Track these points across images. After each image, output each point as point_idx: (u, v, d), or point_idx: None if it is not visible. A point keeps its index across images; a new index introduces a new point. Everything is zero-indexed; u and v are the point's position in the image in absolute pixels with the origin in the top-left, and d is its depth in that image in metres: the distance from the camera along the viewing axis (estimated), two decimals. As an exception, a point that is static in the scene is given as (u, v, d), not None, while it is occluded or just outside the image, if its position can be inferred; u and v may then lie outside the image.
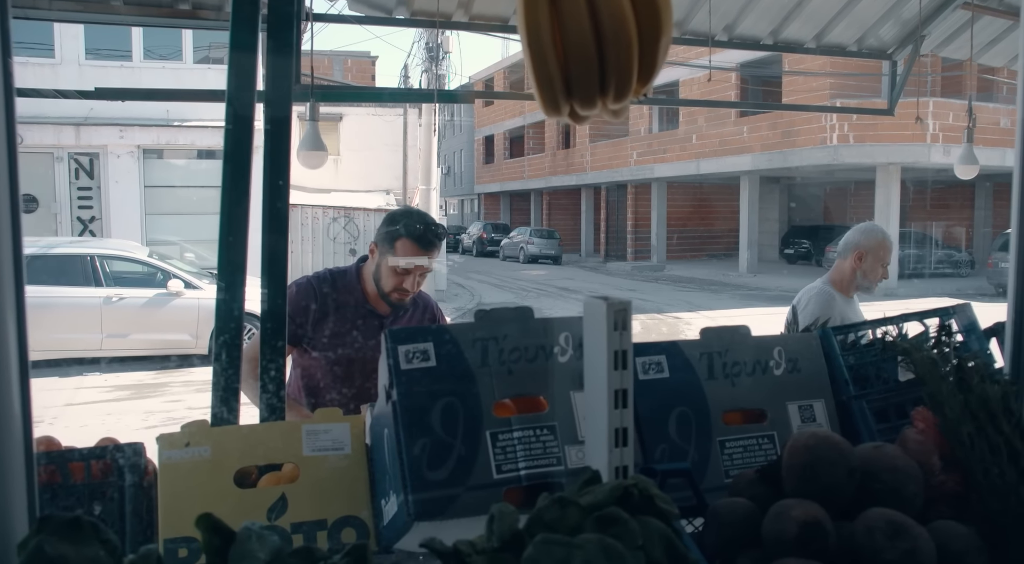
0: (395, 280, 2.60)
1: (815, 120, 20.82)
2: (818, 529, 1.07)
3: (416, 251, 2.57)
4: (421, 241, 2.57)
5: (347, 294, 2.67)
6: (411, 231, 2.58)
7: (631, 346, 1.14)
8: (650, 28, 1.04)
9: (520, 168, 38.82)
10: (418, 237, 2.57)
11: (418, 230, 2.58)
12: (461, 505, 1.24)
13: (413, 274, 2.59)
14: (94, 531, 0.90)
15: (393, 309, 2.70)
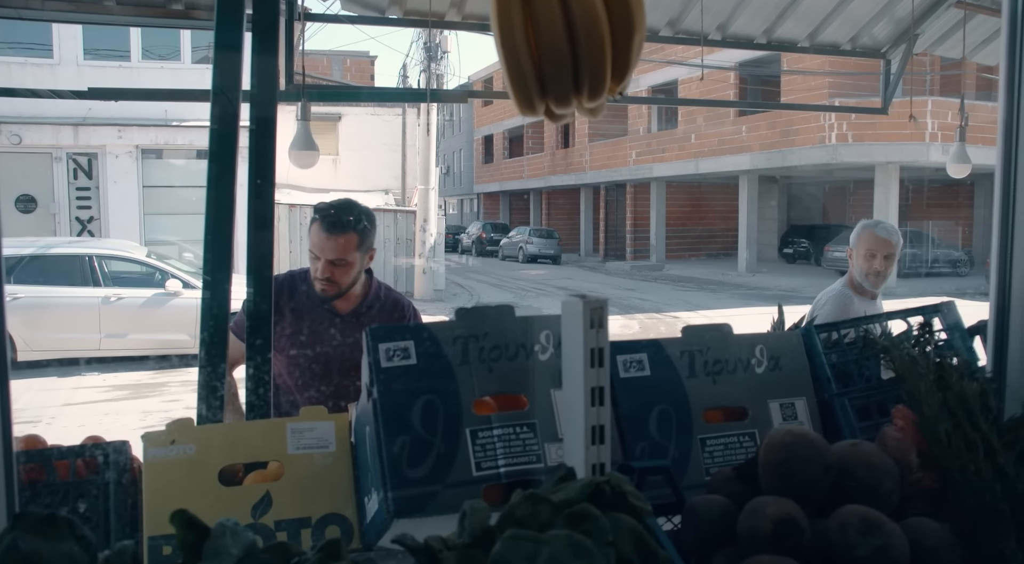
0: (313, 266, 2.55)
1: (814, 119, 20.83)
2: (792, 526, 1.08)
3: (321, 235, 2.51)
4: (325, 223, 2.50)
5: (306, 295, 2.63)
6: (319, 212, 2.53)
7: (607, 344, 1.15)
8: (622, 27, 1.05)
9: (519, 168, 38.83)
10: (323, 219, 2.51)
11: (327, 213, 2.52)
12: (440, 502, 1.24)
13: (322, 260, 2.51)
14: (69, 528, 0.90)
15: (355, 308, 2.64)
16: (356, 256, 2.56)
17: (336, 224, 2.50)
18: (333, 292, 2.57)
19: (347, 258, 2.53)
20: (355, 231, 2.54)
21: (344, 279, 2.57)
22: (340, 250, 2.51)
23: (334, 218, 2.51)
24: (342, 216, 2.52)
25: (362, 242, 2.57)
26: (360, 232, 2.56)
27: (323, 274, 2.52)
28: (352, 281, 2.59)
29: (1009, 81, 1.55)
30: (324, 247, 2.50)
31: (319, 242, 2.51)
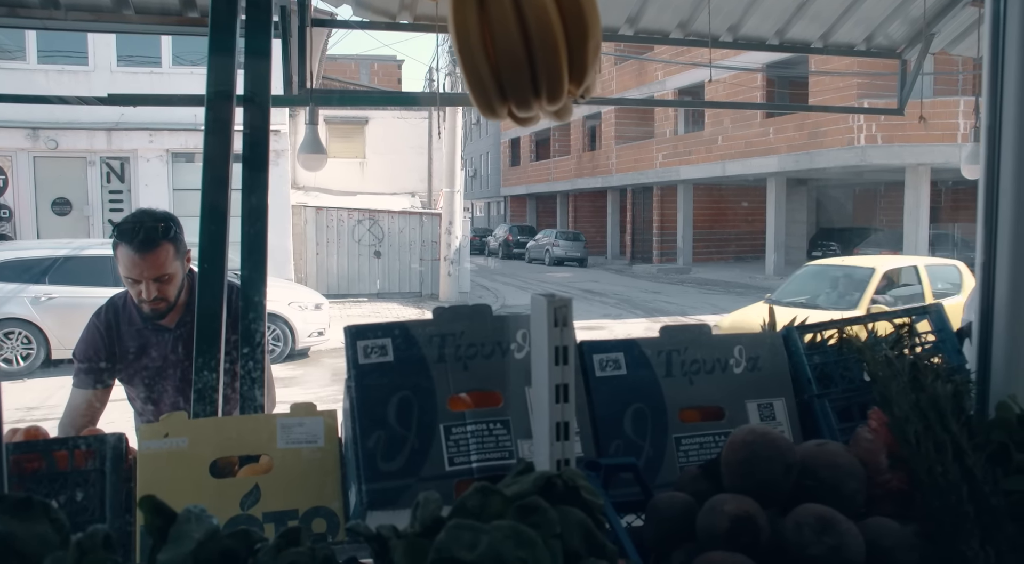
0: (133, 291, 2.40)
1: (842, 121, 20.61)
2: (749, 523, 1.10)
3: (134, 256, 2.34)
4: (135, 243, 2.33)
5: (129, 319, 2.51)
6: (123, 235, 2.35)
7: (573, 342, 1.17)
8: (576, 32, 1.08)
9: (546, 170, 38.85)
10: (131, 239, 2.34)
11: (133, 232, 2.34)
12: (413, 495, 1.27)
13: (145, 282, 2.35)
14: (44, 510, 0.95)
15: (180, 317, 2.48)
16: (177, 266, 2.42)
17: (147, 241, 2.34)
18: (164, 308, 2.43)
19: (169, 271, 2.39)
20: (168, 241, 2.39)
21: (172, 292, 2.42)
22: (160, 266, 2.36)
23: (143, 235, 2.34)
24: (150, 230, 2.36)
25: (178, 249, 2.43)
26: (173, 240, 2.41)
27: (149, 295, 2.37)
28: (179, 290, 2.45)
29: (992, 81, 1.56)
30: (142, 267, 2.35)
31: (134, 264, 2.35)
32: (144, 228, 2.34)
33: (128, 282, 2.39)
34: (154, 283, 2.37)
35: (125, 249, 2.34)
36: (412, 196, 23.14)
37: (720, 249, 30.96)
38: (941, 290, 11.17)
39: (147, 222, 2.37)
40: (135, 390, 2.57)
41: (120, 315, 2.51)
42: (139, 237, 2.33)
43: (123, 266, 2.37)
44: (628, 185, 32.30)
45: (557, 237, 32.88)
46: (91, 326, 2.53)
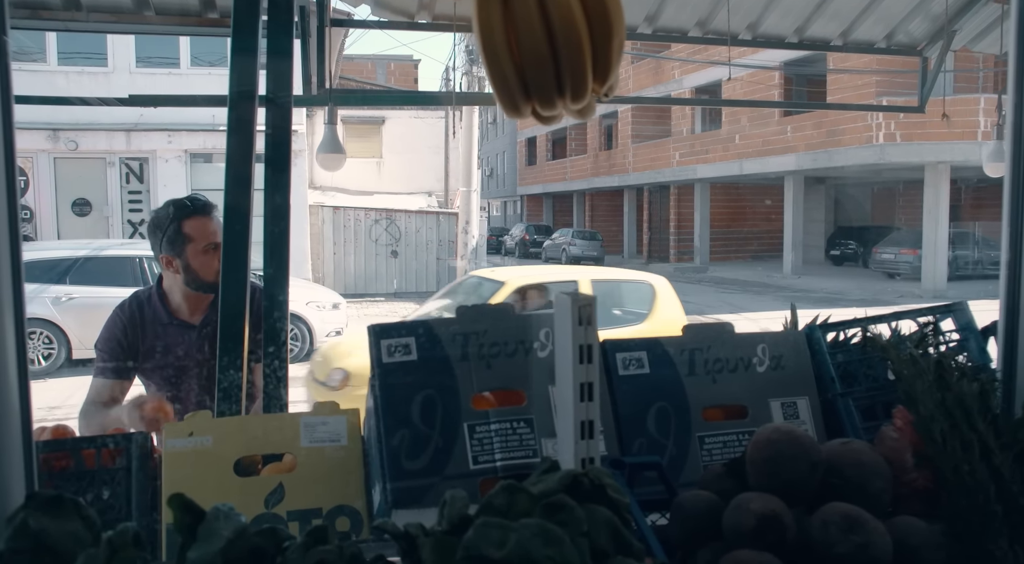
0: (211, 260, 2.41)
1: (860, 119, 20.46)
2: (775, 522, 1.09)
3: (205, 221, 2.43)
4: (200, 210, 2.44)
5: (153, 316, 2.53)
6: (187, 210, 2.43)
7: (596, 340, 1.18)
8: (601, 30, 1.08)
9: (562, 169, 38.81)
10: (195, 208, 2.44)
11: (188, 204, 2.44)
12: (437, 494, 1.28)
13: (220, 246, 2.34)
14: (75, 508, 0.96)
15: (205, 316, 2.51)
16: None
17: (208, 205, 2.44)
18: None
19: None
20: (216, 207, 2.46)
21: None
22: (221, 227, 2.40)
23: (202, 201, 2.45)
24: (204, 199, 2.48)
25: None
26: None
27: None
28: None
29: (1018, 77, 1.54)
30: (215, 230, 2.38)
31: (208, 228, 2.41)
32: (198, 197, 2.44)
33: (208, 253, 2.40)
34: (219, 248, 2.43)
35: (197, 219, 2.41)
36: (429, 196, 23.19)
37: (737, 248, 30.81)
38: (615, 317, 7.91)
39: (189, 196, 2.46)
40: (156, 387, 2.57)
41: (144, 310, 2.53)
42: (202, 202, 2.42)
43: (200, 238, 2.41)
44: (645, 184, 32.22)
45: (574, 236, 32.86)
46: (114, 318, 2.54)
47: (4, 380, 1.05)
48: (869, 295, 19.48)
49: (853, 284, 21.55)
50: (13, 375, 1.06)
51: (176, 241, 2.43)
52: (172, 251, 2.44)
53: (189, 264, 2.44)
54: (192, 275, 2.45)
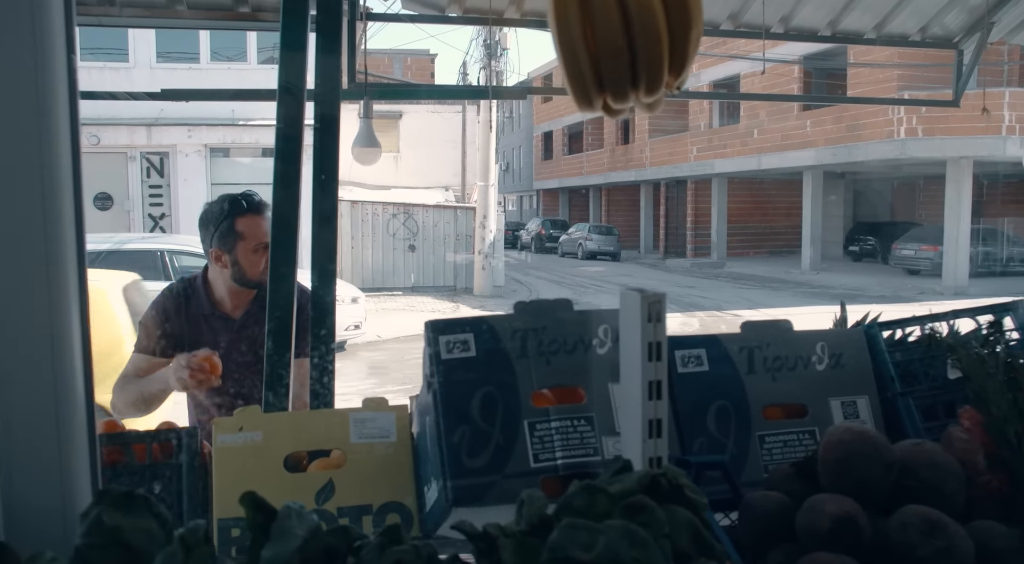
0: (260, 259, 2.42)
1: (881, 113, 20.27)
2: (851, 524, 1.07)
3: (258, 220, 2.43)
4: (255, 208, 2.44)
5: (197, 305, 2.55)
6: (241, 207, 2.44)
7: (665, 338, 1.15)
8: (680, 21, 1.05)
9: (579, 164, 38.73)
10: (250, 206, 2.44)
11: (244, 202, 2.44)
12: (498, 492, 1.27)
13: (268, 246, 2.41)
14: (147, 505, 0.95)
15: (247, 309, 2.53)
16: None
17: (263, 204, 2.43)
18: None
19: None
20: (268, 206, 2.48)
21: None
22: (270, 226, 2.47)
23: (258, 199, 2.45)
24: (259, 197, 2.46)
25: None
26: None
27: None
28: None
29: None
30: (267, 230, 2.35)
31: (260, 228, 2.42)
32: (253, 194, 2.44)
33: (255, 254, 2.42)
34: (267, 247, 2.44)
35: (250, 217, 2.42)
36: (446, 190, 23.19)
37: (755, 243, 30.65)
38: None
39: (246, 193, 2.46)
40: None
41: (191, 297, 2.55)
42: (257, 200, 2.42)
43: (252, 236, 2.41)
44: (662, 179, 32.09)
45: (590, 231, 32.78)
46: (162, 296, 2.58)
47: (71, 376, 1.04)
48: (889, 291, 19.33)
49: (873, 280, 21.38)
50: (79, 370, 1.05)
51: (228, 237, 2.45)
52: (223, 247, 2.46)
53: (238, 261, 2.46)
54: (239, 271, 2.47)
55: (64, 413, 1.03)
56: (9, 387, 0.99)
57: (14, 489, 1.00)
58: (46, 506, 1.03)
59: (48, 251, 1.01)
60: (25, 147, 0.97)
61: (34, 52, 0.96)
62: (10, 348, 0.99)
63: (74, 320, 1.05)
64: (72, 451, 1.04)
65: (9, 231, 0.98)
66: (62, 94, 0.99)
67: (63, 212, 1.01)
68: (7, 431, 1.00)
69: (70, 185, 1.03)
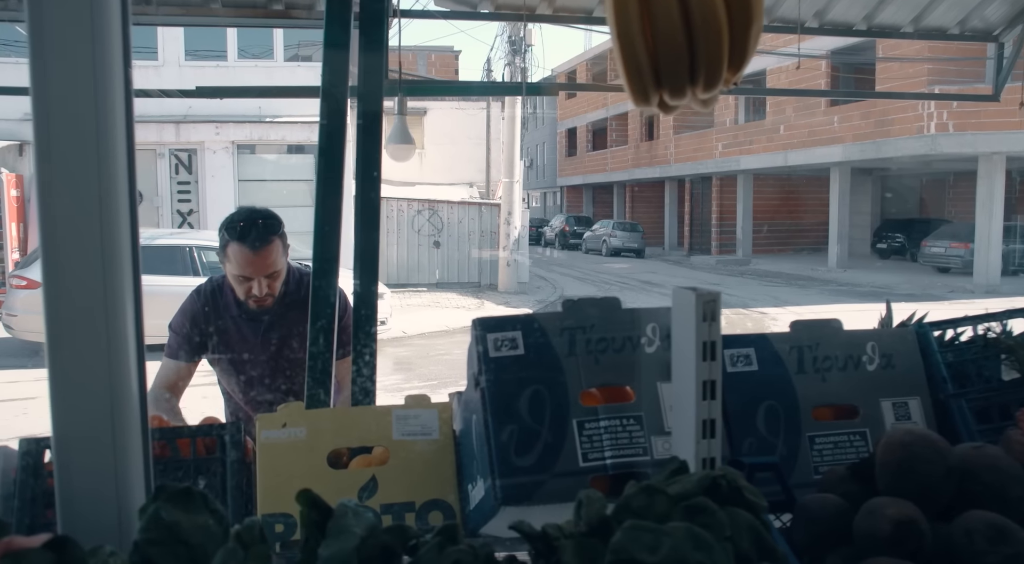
0: (242, 288, 2.43)
1: (911, 108, 19.98)
2: (913, 529, 1.05)
3: (247, 254, 2.36)
4: (248, 241, 2.36)
5: (226, 305, 2.56)
6: (234, 234, 2.37)
7: (720, 337, 1.14)
8: (741, 15, 1.03)
9: (603, 160, 38.58)
10: (244, 238, 2.36)
11: (241, 230, 2.37)
12: (547, 491, 1.26)
13: (257, 279, 2.39)
14: (203, 501, 0.95)
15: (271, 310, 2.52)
16: (283, 262, 2.47)
17: (261, 238, 2.37)
18: (270, 303, 2.47)
19: (278, 268, 2.43)
20: (277, 237, 2.43)
21: (278, 287, 2.47)
22: (272, 262, 2.40)
23: (255, 233, 2.37)
24: (262, 228, 2.39)
25: (284, 245, 2.47)
26: (281, 237, 2.46)
27: (261, 292, 2.41)
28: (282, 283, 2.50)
29: None
30: (256, 265, 2.38)
31: (249, 262, 2.37)
32: (256, 226, 2.37)
33: (239, 280, 2.42)
34: (265, 280, 2.41)
35: (239, 247, 2.37)
36: (470, 186, 23.22)
37: (781, 241, 30.38)
38: None
39: (258, 220, 2.39)
40: (224, 374, 2.62)
41: (219, 298, 2.56)
42: (252, 235, 2.36)
43: (236, 265, 2.39)
44: (687, 175, 31.89)
45: (614, 228, 32.67)
46: (191, 300, 2.59)
47: (125, 373, 1.05)
48: (918, 289, 19.08)
49: (901, 278, 21.11)
50: (133, 368, 1.06)
51: (222, 255, 2.46)
52: (221, 260, 2.48)
53: (229, 276, 2.48)
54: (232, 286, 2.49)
55: (119, 411, 1.03)
56: (67, 386, 1.00)
57: (72, 484, 1.00)
58: (101, 501, 1.04)
59: (104, 250, 1.01)
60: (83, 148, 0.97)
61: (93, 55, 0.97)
62: (67, 346, 1.00)
63: (128, 318, 1.05)
64: (126, 447, 1.05)
65: (68, 233, 0.98)
66: (119, 95, 0.99)
67: (119, 212, 1.02)
68: (64, 429, 1.00)
69: (126, 186, 1.03)
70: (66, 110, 0.95)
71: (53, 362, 1.00)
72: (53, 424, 1.01)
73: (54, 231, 0.98)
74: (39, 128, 0.95)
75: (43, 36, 0.94)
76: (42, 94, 0.95)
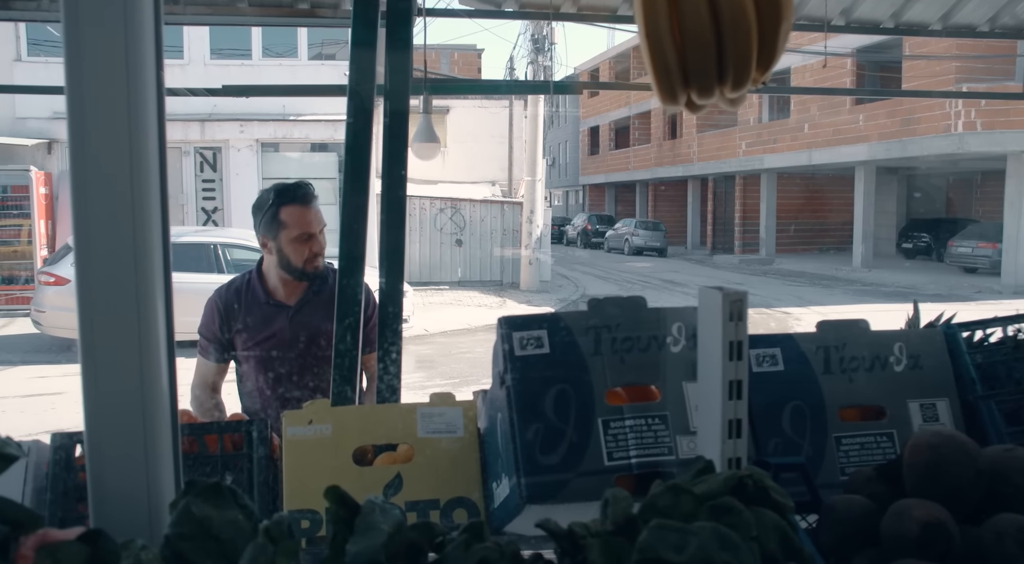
0: (303, 250, 2.50)
1: (938, 106, 19.73)
2: (941, 531, 1.04)
3: (303, 210, 2.48)
4: (299, 197, 2.48)
5: (250, 296, 2.60)
6: (286, 196, 2.48)
7: (747, 337, 1.13)
8: (770, 14, 1.03)
9: (625, 159, 38.46)
10: (294, 196, 2.48)
11: (290, 192, 2.49)
12: (572, 490, 1.26)
13: (315, 235, 2.50)
14: (233, 496, 0.96)
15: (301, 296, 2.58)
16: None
17: (308, 195, 2.50)
18: (320, 265, 2.55)
19: (323, 226, 2.55)
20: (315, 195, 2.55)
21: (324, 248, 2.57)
22: (320, 218, 2.52)
23: (302, 191, 2.50)
24: (303, 186, 2.52)
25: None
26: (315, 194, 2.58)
27: (321, 247, 2.52)
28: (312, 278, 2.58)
29: None
30: (312, 219, 2.49)
31: (305, 217, 2.48)
32: (299, 187, 2.49)
33: (298, 242, 2.48)
34: (319, 236, 2.50)
35: (294, 207, 2.46)
36: (492, 185, 23.23)
37: (805, 240, 30.14)
38: None
39: (300, 182, 2.52)
40: (253, 367, 2.62)
41: (241, 295, 2.60)
42: (301, 192, 2.47)
43: (294, 226, 2.46)
44: (710, 174, 31.72)
45: (636, 226, 32.56)
46: (211, 304, 2.64)
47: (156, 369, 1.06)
48: (944, 290, 18.86)
49: (927, 278, 20.86)
50: (163, 364, 1.07)
51: (272, 225, 2.50)
52: (268, 234, 2.52)
53: (282, 248, 2.51)
54: (284, 259, 2.52)
55: (149, 406, 1.05)
56: (98, 381, 1.01)
57: (104, 478, 1.02)
58: (132, 495, 1.05)
59: (136, 248, 1.02)
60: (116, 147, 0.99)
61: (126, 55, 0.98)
62: (100, 343, 1.01)
63: (159, 315, 1.06)
64: (156, 443, 1.06)
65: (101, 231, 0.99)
66: (151, 94, 1.00)
67: (151, 210, 1.03)
68: (96, 423, 1.02)
69: (158, 184, 1.04)
70: (100, 109, 0.97)
71: (86, 359, 1.01)
72: (86, 419, 1.03)
73: (87, 230, 0.99)
74: (74, 127, 0.97)
75: (78, 37, 0.95)
76: (77, 94, 0.96)
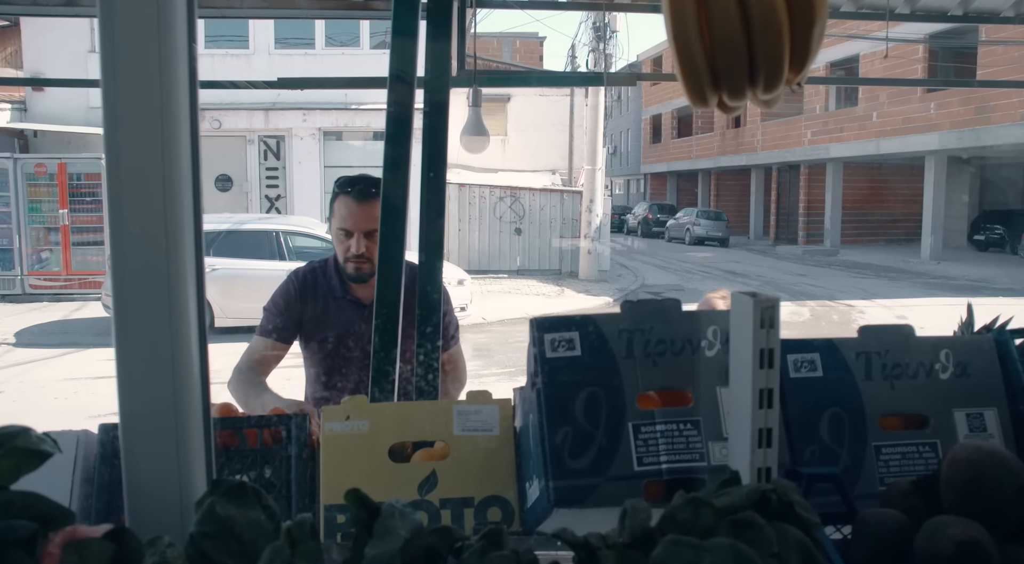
0: (343, 247, 2.47)
1: (1015, 94, 18.92)
2: (978, 551, 1.00)
3: (352, 205, 2.43)
4: (355, 193, 2.43)
5: (327, 287, 2.56)
6: (343, 187, 2.46)
7: (778, 344, 1.11)
8: (803, 14, 0.99)
9: (688, 148, 37.93)
10: (352, 189, 2.44)
11: (349, 183, 2.46)
12: (601, 495, 1.25)
13: (357, 235, 2.43)
14: (256, 496, 0.98)
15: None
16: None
17: (365, 192, 2.43)
18: (368, 271, 2.46)
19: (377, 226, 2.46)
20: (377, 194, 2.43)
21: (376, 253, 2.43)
22: (372, 219, 2.33)
23: (361, 186, 2.45)
24: (369, 183, 2.45)
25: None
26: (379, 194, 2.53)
27: (358, 250, 2.45)
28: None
29: None
30: (358, 218, 2.42)
31: (351, 213, 2.43)
32: (364, 181, 2.46)
33: (340, 237, 2.47)
34: (364, 238, 2.44)
35: (344, 199, 2.45)
36: (552, 174, 23.17)
37: (871, 231, 29.32)
38: None
39: (367, 178, 2.48)
40: (313, 359, 2.60)
41: (319, 281, 2.58)
42: (359, 187, 2.44)
43: (339, 218, 2.47)
44: (774, 163, 31.07)
45: (698, 216, 32.13)
46: (286, 283, 2.61)
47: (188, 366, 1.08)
48: (1018, 284, 18.14)
49: (1000, 271, 20.10)
50: (196, 361, 1.09)
51: (329, 213, 2.53)
52: (328, 222, 2.54)
53: (333, 237, 2.53)
54: (337, 255, 2.53)
55: (181, 403, 1.07)
56: (131, 378, 1.03)
57: (137, 476, 1.05)
58: (164, 493, 1.07)
59: (168, 238, 1.03)
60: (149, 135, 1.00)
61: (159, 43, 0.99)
62: (132, 337, 1.03)
63: (192, 309, 1.07)
64: (188, 440, 1.08)
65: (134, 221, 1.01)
66: (183, 82, 1.01)
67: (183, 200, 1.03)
68: (129, 421, 1.05)
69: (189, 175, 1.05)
70: (133, 100, 0.98)
71: (121, 351, 1.03)
72: (120, 413, 1.05)
73: (121, 220, 1.00)
74: (108, 118, 0.98)
75: (113, 31, 0.97)
76: (111, 87, 0.98)
